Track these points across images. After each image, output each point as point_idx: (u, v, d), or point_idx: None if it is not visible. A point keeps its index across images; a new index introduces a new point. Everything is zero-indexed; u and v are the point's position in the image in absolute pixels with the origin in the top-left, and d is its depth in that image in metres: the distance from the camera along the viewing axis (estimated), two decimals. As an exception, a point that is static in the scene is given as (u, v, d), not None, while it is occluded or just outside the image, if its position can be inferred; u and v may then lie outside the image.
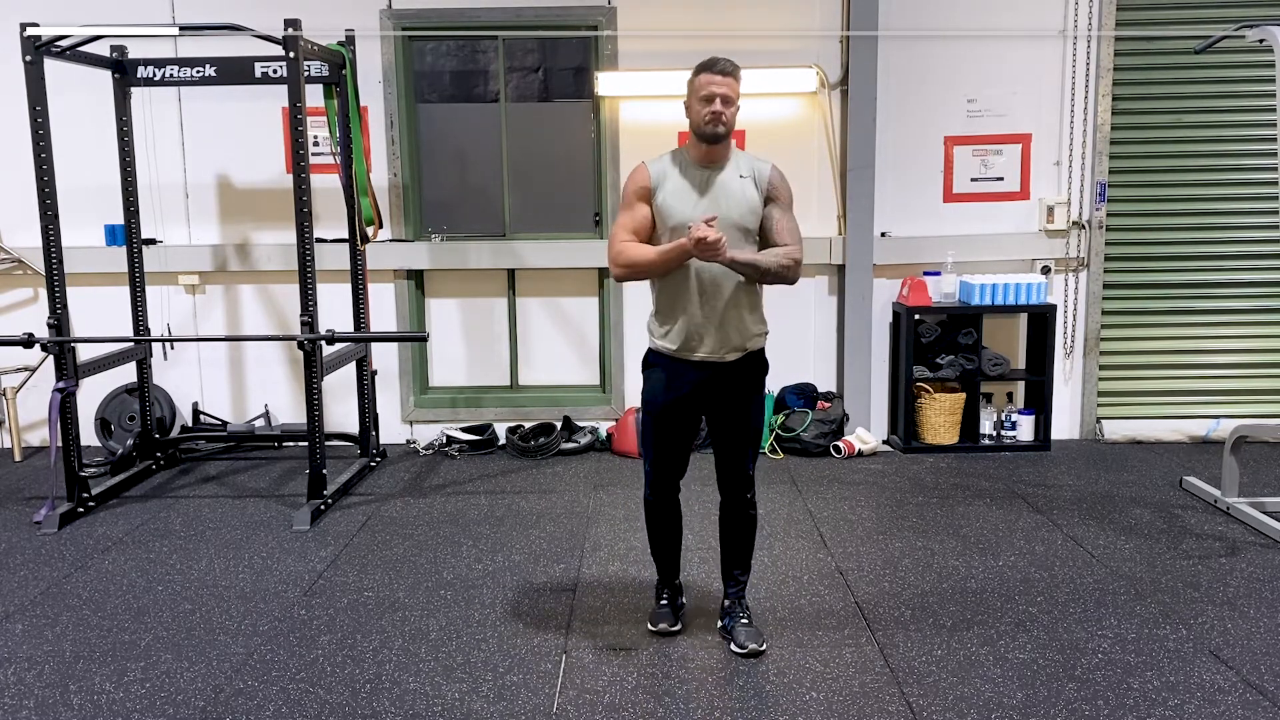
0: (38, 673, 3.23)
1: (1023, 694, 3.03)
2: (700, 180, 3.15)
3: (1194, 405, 5.98)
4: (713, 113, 3.05)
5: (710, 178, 3.15)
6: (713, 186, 3.14)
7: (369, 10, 5.59)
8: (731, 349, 3.18)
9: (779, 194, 3.20)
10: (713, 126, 3.07)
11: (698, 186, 3.15)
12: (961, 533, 4.41)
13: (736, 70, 3.11)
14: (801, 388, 5.87)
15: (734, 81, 3.09)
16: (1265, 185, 5.76)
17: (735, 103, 3.09)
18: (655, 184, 3.16)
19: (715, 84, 3.06)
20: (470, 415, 6.00)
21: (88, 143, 5.63)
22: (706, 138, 3.09)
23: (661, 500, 3.38)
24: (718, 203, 3.12)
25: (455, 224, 5.95)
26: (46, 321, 4.70)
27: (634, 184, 3.20)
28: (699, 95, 3.08)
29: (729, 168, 3.17)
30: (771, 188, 3.18)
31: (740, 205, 3.14)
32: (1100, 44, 5.63)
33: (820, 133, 5.74)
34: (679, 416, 3.26)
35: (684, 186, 3.15)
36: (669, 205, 3.14)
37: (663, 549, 3.49)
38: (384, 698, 3.05)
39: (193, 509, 4.85)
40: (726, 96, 3.06)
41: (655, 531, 3.46)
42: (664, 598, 3.52)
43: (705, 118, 3.07)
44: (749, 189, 3.16)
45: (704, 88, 3.07)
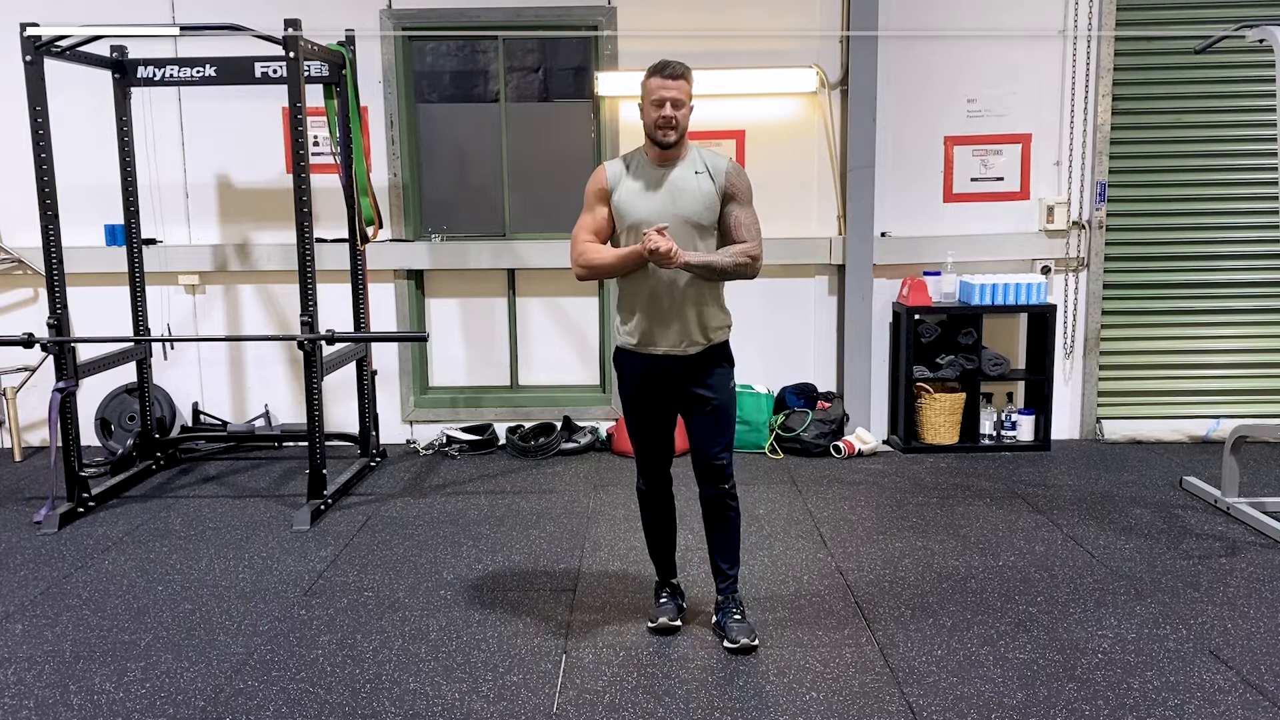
0: (38, 673, 3.23)
1: (1023, 694, 3.03)
2: (655, 179, 3.21)
3: (1194, 405, 5.98)
4: (663, 117, 3.13)
5: (665, 176, 3.21)
6: (667, 184, 3.20)
7: (369, 10, 5.59)
8: (691, 342, 3.24)
9: (737, 189, 3.23)
10: (664, 132, 3.14)
11: (653, 185, 3.21)
12: (961, 533, 4.41)
13: (688, 73, 3.17)
14: (801, 388, 5.87)
15: (685, 84, 3.15)
16: (1265, 185, 5.76)
17: (687, 104, 3.16)
18: (613, 184, 3.25)
19: (666, 88, 3.12)
20: (470, 415, 6.00)
21: (88, 142, 5.64)
22: (659, 142, 3.16)
23: (653, 490, 3.46)
24: (673, 200, 3.17)
25: (455, 224, 5.95)
26: (46, 321, 4.70)
27: (593, 185, 3.29)
28: (650, 99, 3.15)
29: (683, 165, 3.22)
30: (729, 184, 3.22)
31: (695, 201, 3.18)
32: (1100, 44, 5.63)
33: (820, 133, 5.74)
34: (649, 408, 3.34)
35: (639, 186, 3.22)
36: (625, 205, 3.22)
37: (658, 542, 3.55)
38: (384, 698, 3.05)
39: (193, 509, 4.85)
40: (677, 100, 3.13)
41: (649, 522, 3.54)
42: (663, 595, 3.56)
43: (657, 121, 3.14)
44: (704, 185, 3.20)
45: (654, 92, 3.14)
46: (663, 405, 3.35)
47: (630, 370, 3.34)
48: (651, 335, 3.25)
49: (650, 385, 3.31)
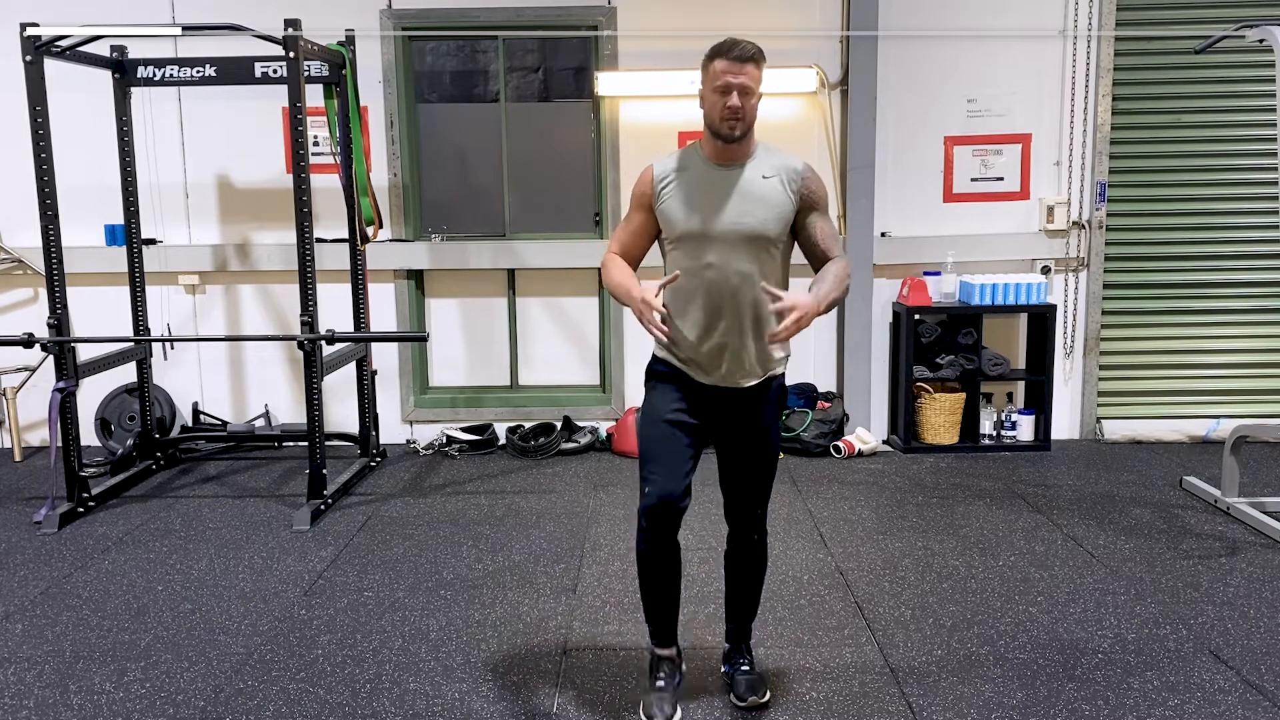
0: (38, 673, 3.23)
1: (1023, 694, 3.03)
2: (714, 181, 2.72)
3: (1194, 405, 5.98)
4: (729, 108, 2.62)
5: (728, 178, 2.72)
6: (730, 189, 2.70)
7: (369, 10, 5.59)
8: (746, 373, 2.78)
9: (816, 198, 2.77)
10: (730, 125, 2.65)
11: (712, 188, 2.71)
12: (961, 533, 4.41)
13: (759, 55, 2.66)
14: (801, 388, 5.87)
15: (755, 69, 2.64)
16: (1265, 185, 5.76)
17: (756, 93, 2.66)
18: (658, 189, 2.76)
19: (734, 73, 2.62)
20: (470, 415, 6.00)
21: (88, 143, 5.64)
22: (723, 136, 2.68)
23: (659, 537, 2.79)
24: (739, 208, 2.70)
25: (455, 224, 5.95)
26: (46, 321, 4.70)
27: (637, 188, 2.82)
28: (713, 85, 2.65)
29: (751, 166, 2.74)
30: (807, 191, 2.75)
31: (762, 210, 2.70)
32: (1100, 44, 5.63)
33: (820, 133, 5.74)
34: (686, 430, 2.79)
35: (694, 190, 2.72)
36: (674, 211, 2.72)
37: (660, 604, 2.92)
38: (384, 698, 3.05)
39: (193, 509, 4.85)
40: (745, 87, 2.63)
41: (652, 580, 2.88)
42: (660, 674, 2.94)
43: (722, 114, 2.64)
44: (776, 191, 2.72)
45: (719, 77, 2.63)
46: (699, 437, 2.82)
47: (668, 389, 2.81)
48: (701, 361, 2.76)
49: (693, 413, 2.80)
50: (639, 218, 2.83)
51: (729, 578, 3.04)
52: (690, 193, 2.73)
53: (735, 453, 2.86)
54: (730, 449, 2.87)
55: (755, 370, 2.79)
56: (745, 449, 2.85)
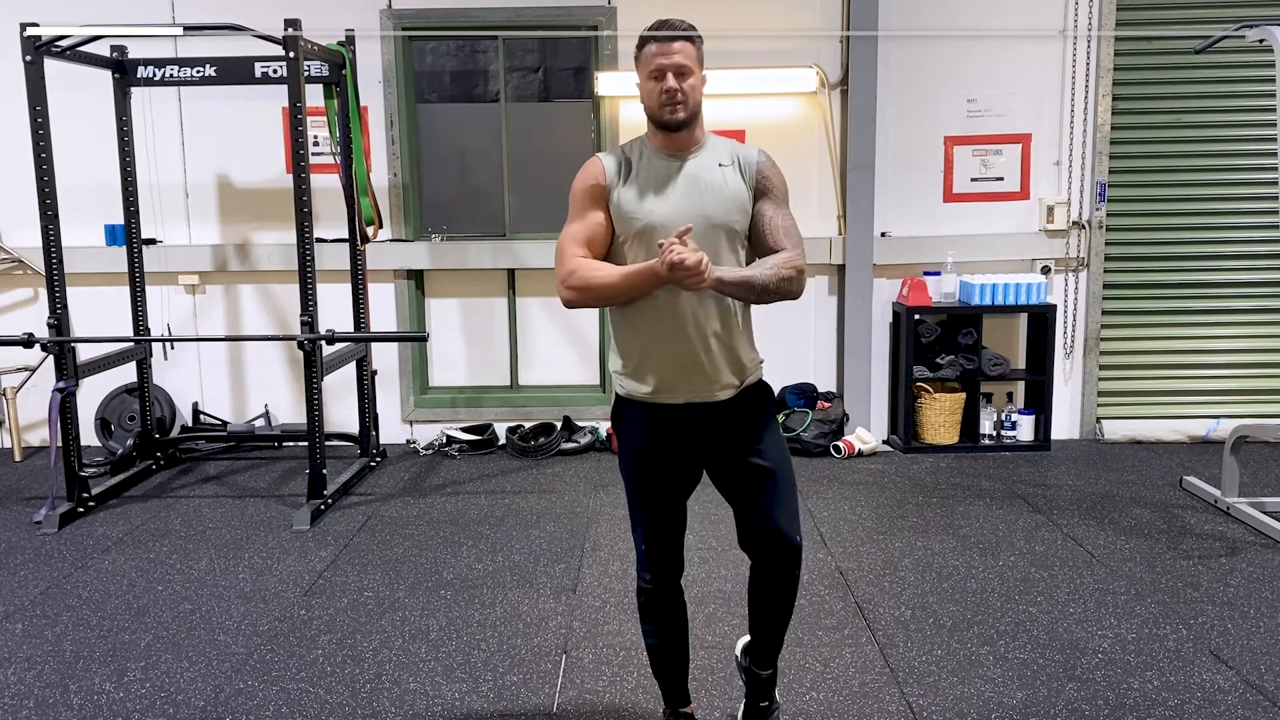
0: (38, 673, 3.23)
1: (1023, 694, 3.03)
2: (667, 172, 2.48)
3: (1194, 405, 5.98)
4: (666, 91, 2.40)
5: (680, 168, 2.48)
6: (685, 179, 2.47)
7: (369, 10, 5.59)
8: (722, 385, 2.49)
9: (771, 185, 2.52)
10: (670, 110, 2.42)
11: (666, 180, 2.47)
12: (961, 533, 4.40)
13: (692, 34, 2.49)
14: (801, 388, 5.87)
15: (690, 46, 2.46)
16: (1265, 185, 5.76)
17: (695, 72, 2.44)
18: (611, 181, 2.48)
19: (664, 55, 2.43)
20: (470, 415, 6.00)
21: (88, 143, 5.63)
22: (666, 124, 2.45)
23: (662, 587, 2.61)
24: (693, 199, 2.45)
25: (455, 224, 5.95)
26: (46, 321, 4.70)
27: (583, 183, 2.49)
28: (648, 72, 2.45)
29: (703, 154, 2.51)
30: (762, 178, 2.51)
31: (721, 200, 2.46)
32: (1100, 44, 5.63)
33: (820, 133, 5.74)
34: (665, 477, 2.53)
35: (647, 182, 2.47)
36: (630, 206, 2.46)
37: (667, 660, 2.70)
38: (384, 698, 3.05)
39: (193, 509, 4.85)
40: (681, 67, 2.42)
41: (658, 635, 2.67)
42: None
43: (660, 99, 2.42)
44: (731, 180, 2.49)
45: (651, 61, 2.44)
46: (683, 473, 2.55)
47: (639, 428, 2.53)
48: (668, 380, 2.47)
49: (669, 447, 2.51)
50: (596, 215, 2.48)
51: (757, 612, 2.64)
52: (644, 186, 2.47)
53: (737, 477, 2.53)
54: (730, 475, 2.54)
55: (728, 379, 2.51)
56: (746, 469, 2.51)
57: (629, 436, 2.56)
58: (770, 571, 2.55)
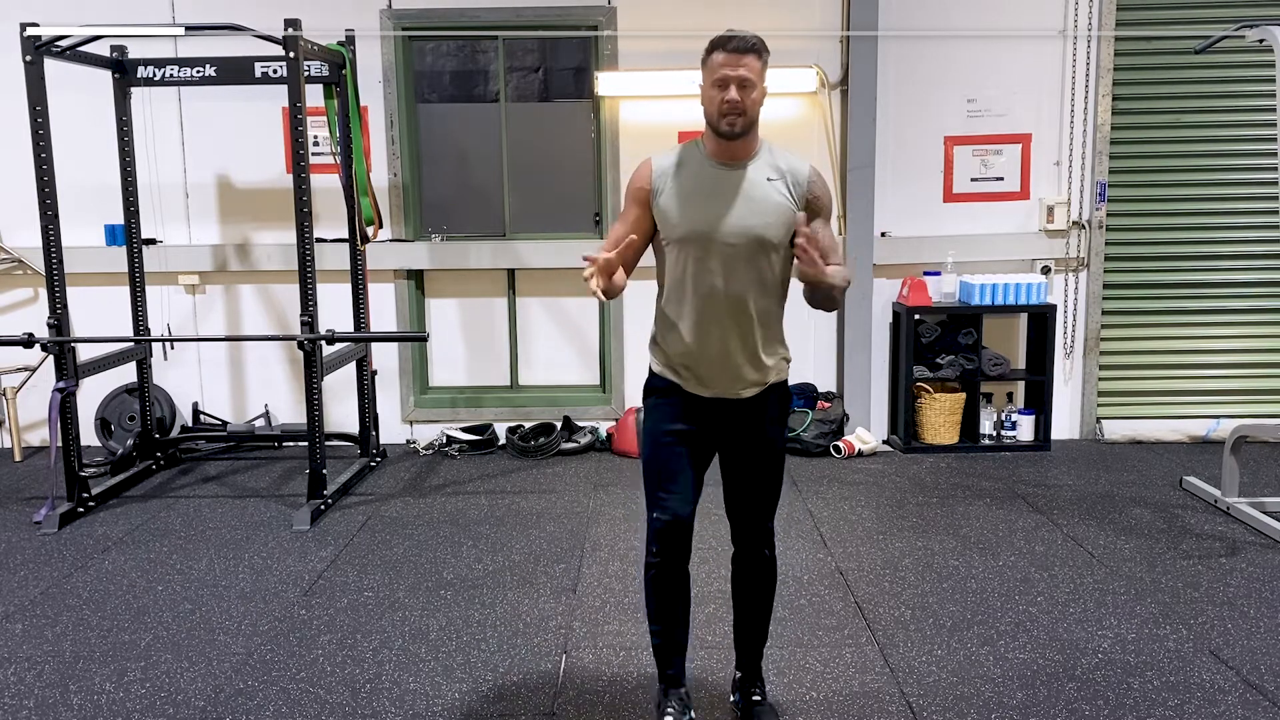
0: (38, 673, 3.23)
1: (1023, 694, 3.03)
2: (716, 180, 2.57)
3: (1194, 405, 5.98)
4: (728, 102, 2.48)
5: (730, 178, 2.57)
6: (732, 189, 2.56)
7: (369, 10, 5.59)
8: (748, 384, 2.65)
9: (821, 205, 2.63)
10: (730, 120, 2.51)
11: (713, 188, 2.56)
12: (961, 533, 4.41)
13: (761, 45, 2.56)
14: (801, 388, 5.87)
15: (755, 60, 2.52)
16: (1265, 185, 5.76)
17: (759, 86, 2.53)
18: (657, 184, 2.60)
19: (730, 66, 2.49)
20: (470, 415, 6.00)
21: (88, 142, 5.64)
22: (723, 133, 2.54)
23: (670, 564, 2.72)
24: (742, 210, 2.55)
25: (455, 224, 5.95)
26: (46, 321, 4.70)
27: (633, 183, 2.65)
28: (712, 79, 2.52)
29: (755, 165, 2.59)
30: (813, 197, 2.61)
31: (768, 214, 2.55)
32: (1100, 44, 5.63)
33: (820, 133, 5.74)
34: (689, 446, 2.69)
35: (694, 187, 2.57)
36: (672, 211, 2.58)
37: (669, 636, 2.80)
38: (384, 698, 3.05)
39: (193, 509, 4.85)
40: (745, 80, 2.49)
41: (661, 611, 2.78)
42: (669, 711, 2.80)
43: (720, 108, 2.50)
44: (779, 194, 2.57)
45: (718, 70, 2.51)
46: (700, 449, 2.70)
47: (668, 407, 2.69)
48: (699, 374, 2.63)
49: (689, 426, 2.68)
50: (635, 213, 2.65)
51: (738, 600, 2.87)
52: (690, 191, 2.58)
53: (740, 465, 2.73)
54: (734, 461, 2.74)
55: (755, 380, 2.65)
56: (750, 460, 2.71)
57: (655, 410, 2.73)
58: (744, 546, 2.82)
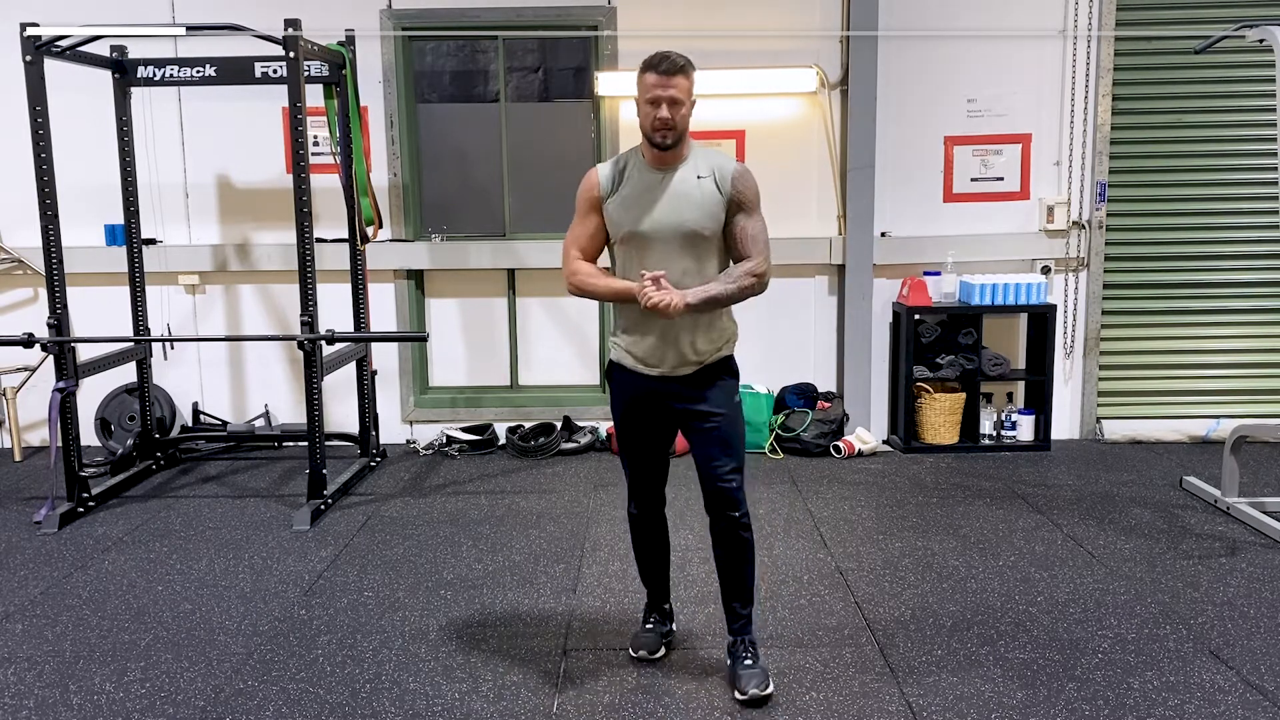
0: (38, 673, 3.23)
1: (1023, 694, 3.03)
2: (652, 184, 2.92)
3: (1194, 405, 5.98)
4: (660, 119, 2.82)
5: (663, 180, 2.92)
6: (666, 191, 2.91)
7: (369, 10, 5.59)
8: (685, 364, 2.99)
9: (745, 197, 2.94)
10: (662, 135, 2.85)
11: (650, 191, 2.92)
12: (961, 533, 4.41)
13: (689, 67, 2.85)
14: (801, 388, 5.87)
15: (684, 80, 2.83)
16: (1265, 185, 5.76)
17: (687, 103, 2.85)
18: (604, 191, 2.96)
19: (661, 86, 2.81)
20: (470, 415, 6.00)
21: (88, 143, 5.64)
22: (656, 144, 2.87)
23: (645, 513, 3.21)
24: (672, 209, 2.89)
25: (455, 224, 5.95)
26: (46, 321, 4.70)
27: (584, 192, 3.00)
28: (645, 98, 2.85)
29: (685, 168, 2.93)
30: (737, 190, 2.93)
31: (697, 209, 2.90)
32: (1100, 44, 5.63)
33: (820, 133, 5.74)
34: (642, 428, 3.10)
35: (635, 192, 2.93)
36: (618, 214, 2.94)
37: (649, 567, 3.31)
38: (384, 698, 3.05)
39: (193, 509, 4.85)
40: (674, 99, 2.81)
41: (640, 547, 3.29)
42: (650, 620, 3.33)
43: (653, 124, 2.84)
44: (708, 191, 2.91)
45: (649, 90, 2.83)
46: (657, 425, 3.11)
47: (622, 387, 3.10)
48: (645, 356, 3.00)
49: (643, 405, 3.07)
50: (593, 220, 3.01)
51: (718, 563, 3.15)
52: (630, 196, 2.93)
53: (693, 433, 3.06)
54: (690, 431, 3.07)
55: (696, 360, 2.99)
56: (700, 424, 3.03)
57: (616, 393, 3.13)
58: (715, 513, 3.08)
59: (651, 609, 3.36)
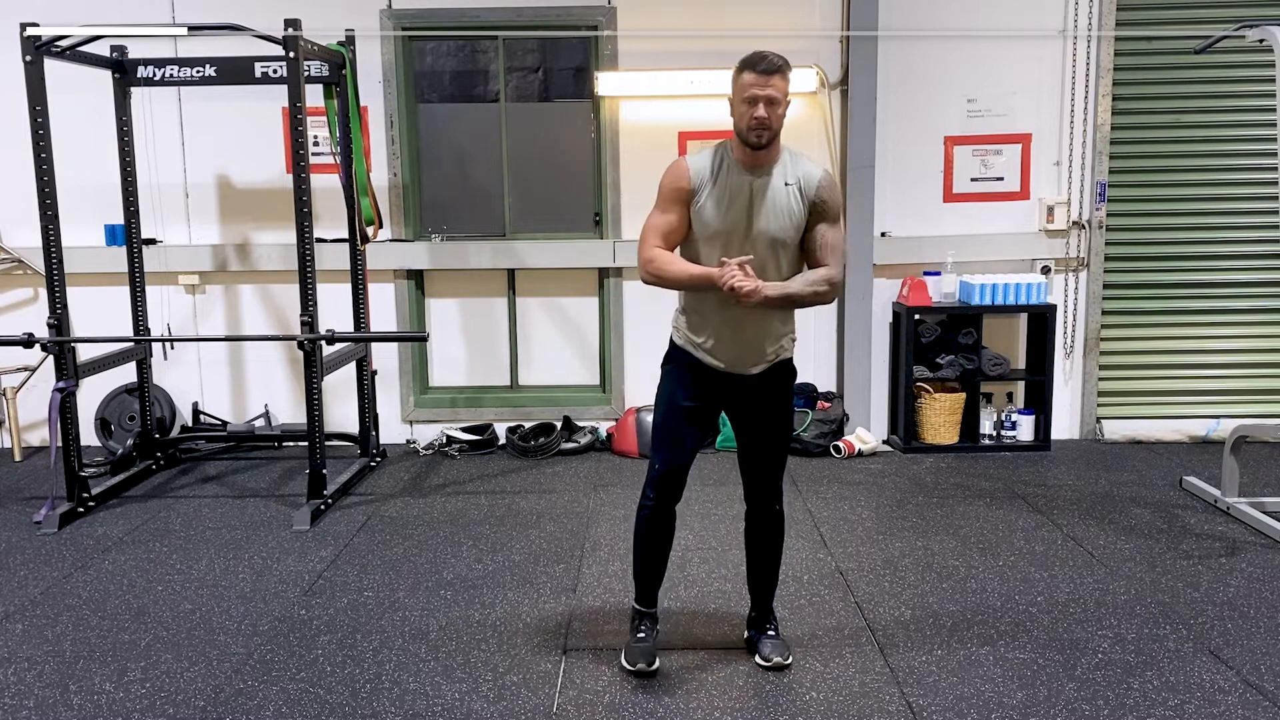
0: (38, 673, 3.23)
1: (1023, 694, 3.03)
2: (742, 187, 2.93)
3: (1194, 405, 5.98)
4: (757, 119, 2.82)
5: (754, 185, 2.92)
6: (756, 195, 2.92)
7: (369, 10, 5.59)
8: (756, 362, 3.03)
9: (828, 207, 2.96)
10: (757, 134, 2.84)
11: (740, 194, 2.92)
12: (961, 533, 4.41)
13: (785, 67, 2.86)
14: (801, 388, 5.86)
15: (781, 80, 2.84)
16: (1265, 185, 5.76)
17: (784, 103, 2.85)
18: (695, 186, 2.94)
19: (758, 86, 2.81)
20: (470, 415, 6.00)
21: (88, 143, 5.63)
22: (752, 144, 2.88)
23: (662, 505, 3.13)
24: (760, 215, 2.92)
25: (455, 224, 5.95)
26: (46, 321, 4.70)
27: (672, 182, 2.96)
28: (742, 97, 2.85)
29: (776, 173, 2.94)
30: (820, 200, 2.95)
31: (781, 217, 2.93)
32: (1100, 44, 5.63)
33: (820, 133, 5.74)
34: (694, 417, 3.08)
35: (725, 193, 2.93)
36: (708, 215, 2.94)
37: (651, 568, 3.22)
38: (384, 698, 3.05)
39: (193, 509, 4.85)
40: (772, 99, 2.82)
41: (648, 546, 3.19)
42: (642, 630, 3.24)
43: (749, 124, 2.84)
44: (793, 199, 2.93)
45: (747, 89, 2.83)
46: (709, 417, 3.12)
47: (684, 375, 3.07)
48: (715, 350, 3.01)
49: (701, 396, 3.07)
50: (677, 212, 2.97)
51: (751, 550, 3.25)
52: (722, 196, 2.93)
53: (751, 431, 3.12)
54: (746, 428, 3.12)
55: (765, 358, 3.04)
56: (759, 427, 3.11)
57: (672, 376, 3.11)
58: (759, 505, 3.19)
59: (643, 618, 3.27)
